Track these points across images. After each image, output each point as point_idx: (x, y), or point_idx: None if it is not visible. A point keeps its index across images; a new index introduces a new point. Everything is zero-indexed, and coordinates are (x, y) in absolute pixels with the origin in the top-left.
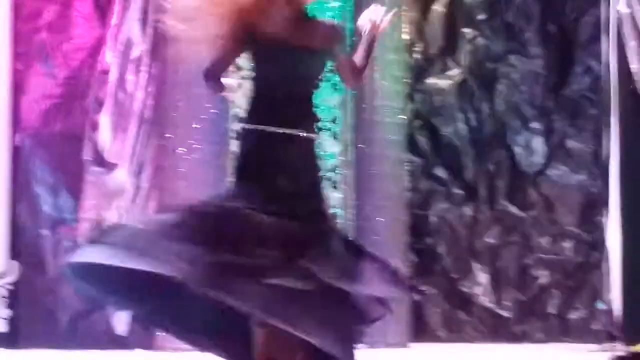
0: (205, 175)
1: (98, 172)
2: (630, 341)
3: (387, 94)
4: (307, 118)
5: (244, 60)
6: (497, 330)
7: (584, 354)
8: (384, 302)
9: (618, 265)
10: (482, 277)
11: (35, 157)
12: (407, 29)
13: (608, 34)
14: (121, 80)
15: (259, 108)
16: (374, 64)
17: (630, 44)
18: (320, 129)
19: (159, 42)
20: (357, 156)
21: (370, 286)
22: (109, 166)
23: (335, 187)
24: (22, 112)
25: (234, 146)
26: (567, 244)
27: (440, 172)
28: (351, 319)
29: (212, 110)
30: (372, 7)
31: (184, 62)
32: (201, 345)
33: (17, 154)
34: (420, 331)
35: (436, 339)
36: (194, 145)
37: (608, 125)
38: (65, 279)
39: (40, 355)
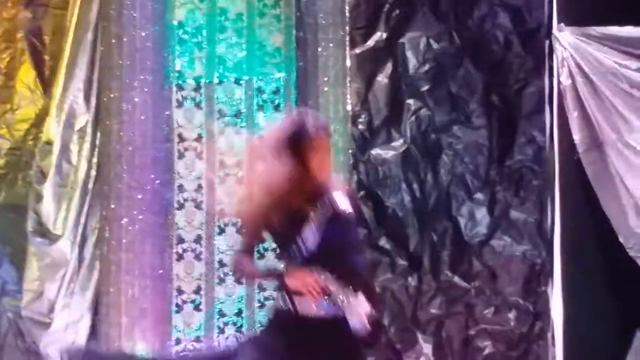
0: (149, 245)
1: (41, 243)
2: None
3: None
4: None
5: None
6: None
7: None
8: None
9: (560, 335)
10: (427, 347)
11: None
12: (351, 100)
13: (551, 105)
14: (65, 151)
15: None
16: None
17: (573, 115)
18: None
19: (103, 113)
20: None
21: None
22: (52, 237)
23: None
24: None
25: (178, 217)
26: (511, 315)
27: (384, 242)
28: None
29: (157, 181)
30: None
31: None
32: None
33: None
34: None
35: None
36: (137, 216)
37: (552, 195)
38: None
39: None
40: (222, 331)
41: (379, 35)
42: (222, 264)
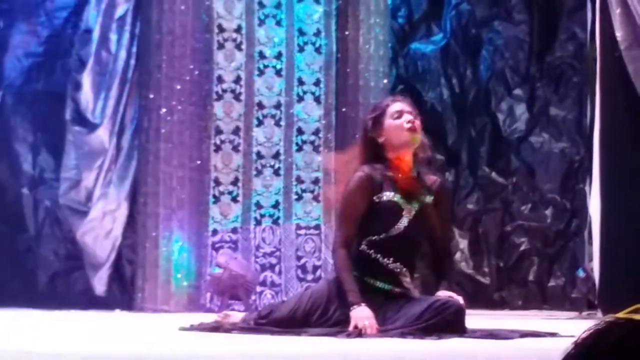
0: (187, 136)
1: (79, 131)
2: (608, 309)
3: (370, 58)
4: None
5: None
6: (477, 296)
7: (563, 322)
8: None
9: (597, 233)
10: (463, 243)
11: (16, 115)
12: None
13: (593, 1)
14: (104, 39)
15: None
16: (358, 27)
17: (616, 11)
18: (304, 92)
19: (143, 2)
20: (340, 120)
21: None
22: (90, 126)
23: (316, 151)
24: (3, 69)
25: (216, 108)
26: (548, 211)
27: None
28: None
29: (196, 72)
30: None
31: None
32: None
33: None
34: None
35: None
36: (176, 106)
37: (592, 92)
38: None
39: (18, 314)
40: (258, 223)
41: None
42: (259, 155)
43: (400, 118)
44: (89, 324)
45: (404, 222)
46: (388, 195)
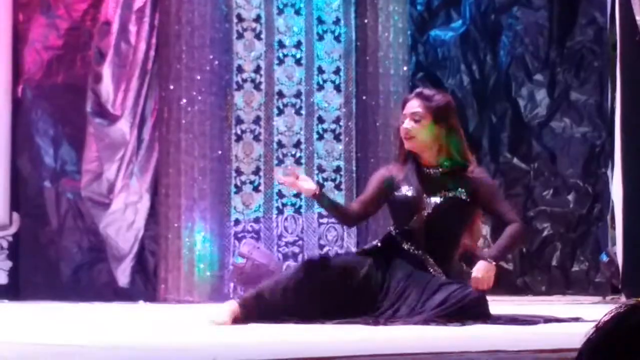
0: (208, 126)
1: (100, 123)
2: (632, 293)
3: (390, 45)
4: None
5: None
6: (500, 282)
7: (586, 307)
8: None
9: (620, 217)
10: (485, 229)
11: (37, 108)
12: None
13: None
14: (123, 31)
15: None
16: (377, 14)
17: None
18: (324, 81)
19: None
20: (360, 108)
21: None
22: (111, 118)
23: (337, 139)
24: (24, 63)
25: (237, 98)
26: (570, 196)
27: None
28: None
29: (215, 62)
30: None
31: None
32: None
33: (18, 105)
34: None
35: None
36: (197, 97)
37: (612, 76)
38: None
39: (41, 307)
40: (280, 212)
41: None
42: (280, 144)
43: (402, 124)
44: (113, 315)
45: (423, 216)
46: (404, 190)
